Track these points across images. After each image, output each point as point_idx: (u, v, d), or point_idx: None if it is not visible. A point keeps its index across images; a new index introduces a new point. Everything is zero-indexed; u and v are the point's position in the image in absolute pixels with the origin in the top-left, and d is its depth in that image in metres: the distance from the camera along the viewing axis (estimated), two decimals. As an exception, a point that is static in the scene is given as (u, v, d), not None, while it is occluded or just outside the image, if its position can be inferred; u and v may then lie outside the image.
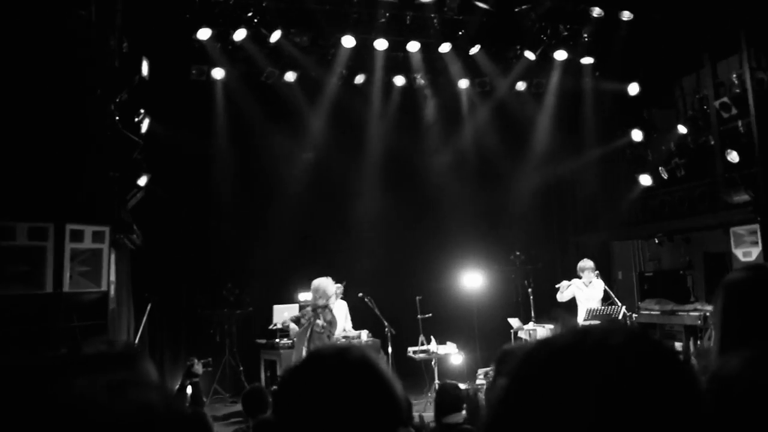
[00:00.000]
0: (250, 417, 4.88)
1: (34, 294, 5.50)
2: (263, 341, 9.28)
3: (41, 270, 5.62)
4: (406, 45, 10.03)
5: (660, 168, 10.21)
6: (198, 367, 8.48)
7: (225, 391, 9.50)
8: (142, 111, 8.07)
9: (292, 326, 7.22)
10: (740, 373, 1.13)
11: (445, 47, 10.06)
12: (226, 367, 9.60)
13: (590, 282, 8.67)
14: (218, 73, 9.94)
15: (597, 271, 8.75)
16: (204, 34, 9.08)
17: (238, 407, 7.70)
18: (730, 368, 1.14)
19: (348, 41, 9.59)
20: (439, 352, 8.60)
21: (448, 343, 8.80)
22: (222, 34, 9.26)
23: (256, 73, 10.11)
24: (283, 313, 8.40)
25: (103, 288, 6.12)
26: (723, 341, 1.91)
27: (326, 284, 7.12)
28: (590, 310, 8.48)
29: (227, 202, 10.12)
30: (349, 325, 7.59)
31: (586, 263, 8.73)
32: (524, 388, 0.82)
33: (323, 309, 7.03)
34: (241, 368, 9.55)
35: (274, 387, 1.61)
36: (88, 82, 6.87)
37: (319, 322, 6.91)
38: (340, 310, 7.69)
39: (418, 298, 9.18)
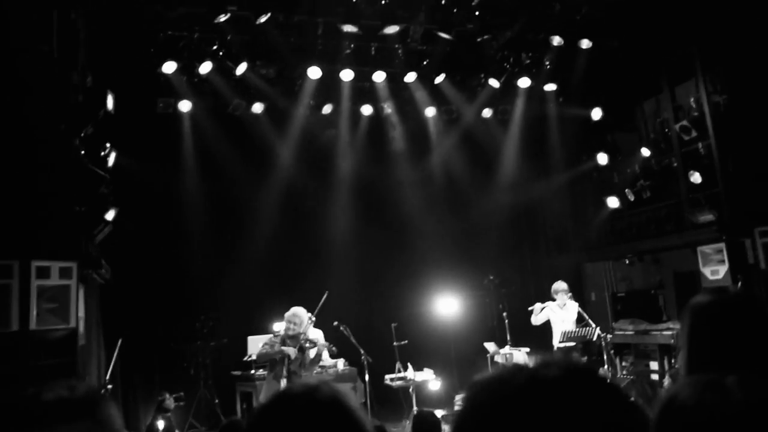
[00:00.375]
0: (226, 451, 4.76)
1: (0, 332, 5.35)
2: (238, 373, 9.12)
3: (6, 308, 5.46)
4: (371, 75, 10.12)
5: (626, 190, 10.40)
6: (169, 402, 8.30)
7: (200, 425, 9.28)
8: (108, 145, 7.98)
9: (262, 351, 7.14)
10: (696, 399, 1.12)
11: (410, 77, 10.18)
12: (201, 400, 9.39)
13: (564, 304, 8.73)
14: (185, 106, 9.89)
15: (570, 293, 8.82)
16: (169, 67, 9.05)
17: (214, 442, 7.54)
18: (685, 395, 1.14)
19: (314, 72, 9.64)
20: (416, 379, 8.54)
21: (425, 369, 8.74)
22: (187, 67, 9.23)
23: (223, 105, 10.09)
24: (257, 344, 8.27)
25: (72, 324, 5.97)
26: (690, 364, 1.93)
27: (302, 312, 7.09)
28: (565, 332, 8.52)
29: (197, 233, 10.00)
30: (325, 354, 7.51)
31: (560, 285, 8.80)
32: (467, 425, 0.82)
33: (310, 344, 6.99)
34: (217, 401, 9.35)
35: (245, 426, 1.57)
36: (52, 118, 6.78)
37: (309, 354, 6.89)
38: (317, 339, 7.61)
39: (393, 325, 9.14)
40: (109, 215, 7.66)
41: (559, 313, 8.72)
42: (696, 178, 9.08)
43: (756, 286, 8.01)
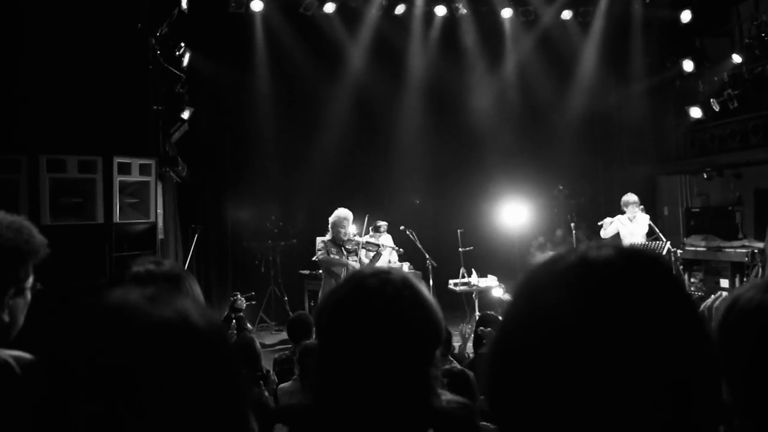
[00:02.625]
0: (295, 343, 5.04)
1: (86, 224, 5.69)
2: (306, 272, 9.47)
3: (92, 201, 5.78)
4: (447, -27, 9.74)
5: (711, 100, 9.82)
6: (241, 302, 8.72)
7: (270, 320, 9.80)
8: (182, 44, 8.08)
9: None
10: (758, 300, 1.12)
11: (488, -26, 9.75)
12: (271, 297, 9.87)
13: (634, 217, 8.55)
14: (257, 5, 9.84)
15: (642, 206, 8.61)
16: (243, -35, 8.96)
17: (284, 335, 7.95)
18: (748, 296, 1.13)
19: (389, -30, 9.35)
20: (479, 284, 8.66)
21: (489, 275, 8.84)
22: (261, -35, 9.12)
23: (295, 5, 9.97)
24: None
25: (152, 219, 6.29)
26: None
27: (347, 213, 7.10)
28: (634, 245, 8.38)
29: (268, 134, 10.19)
30: (395, 257, 7.68)
31: (630, 197, 8.59)
32: (525, 299, 0.84)
33: (371, 246, 7.11)
34: (286, 298, 9.81)
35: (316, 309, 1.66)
36: (128, 17, 6.88)
37: (364, 258, 7.03)
38: (386, 244, 7.75)
39: (459, 230, 9.20)
40: (185, 114, 7.87)
41: (629, 226, 8.56)
42: (790, 88, 8.49)
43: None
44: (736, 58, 9.60)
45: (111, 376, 0.79)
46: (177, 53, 7.95)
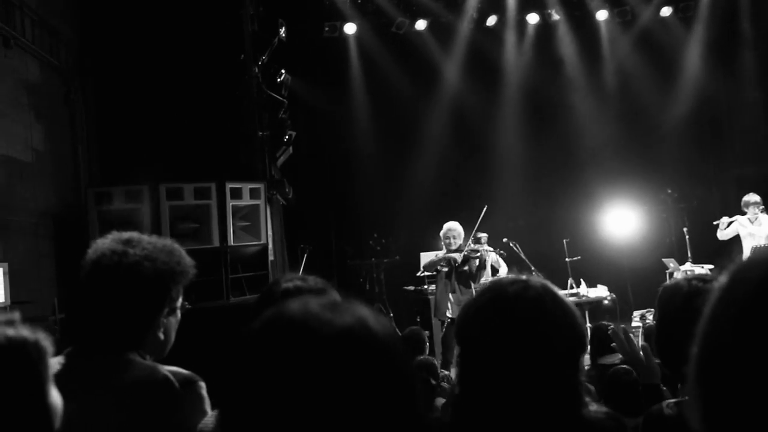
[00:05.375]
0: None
1: (204, 248, 5.96)
2: (411, 288, 9.50)
3: (208, 226, 6.06)
4: (538, -21, 9.64)
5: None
6: None
7: (377, 338, 9.88)
8: (282, 71, 8.38)
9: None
10: None
11: (580, -23, 9.56)
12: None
13: (756, 218, 8.07)
14: (350, 28, 10.08)
15: (763, 206, 8.12)
16: (334, -10, 9.23)
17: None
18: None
19: (478, -18, 9.35)
20: (589, 295, 8.40)
21: (599, 285, 8.56)
22: (351, -12, 9.36)
23: (387, 25, 10.13)
24: (429, 259, 8.53)
25: (263, 241, 6.51)
26: None
27: (457, 226, 7.22)
28: (756, 247, 7.90)
29: (368, 153, 10.37)
30: (501, 263, 7.60)
31: (752, 197, 8.12)
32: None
33: (473, 253, 7.11)
34: (392, 315, 9.87)
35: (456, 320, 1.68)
36: (232, 49, 7.23)
37: (473, 264, 7.04)
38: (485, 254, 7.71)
39: (565, 240, 8.99)
40: (288, 138, 8.14)
41: (750, 228, 8.08)
42: None
43: None
44: None
45: (301, 388, 0.81)
46: (278, 80, 8.25)
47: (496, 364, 1.41)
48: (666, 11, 10.47)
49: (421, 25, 10.23)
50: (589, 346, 4.99)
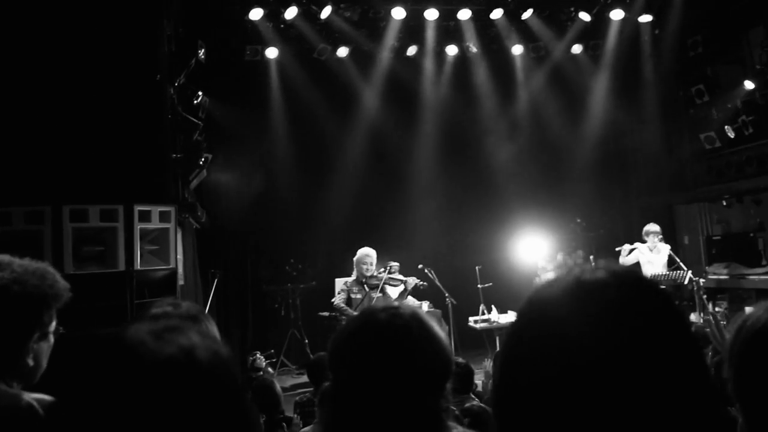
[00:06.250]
0: (315, 386, 5.02)
1: (108, 272, 5.79)
2: (326, 314, 9.46)
3: (113, 249, 5.90)
4: (456, 13, 9.93)
5: (726, 126, 9.81)
6: (260, 361, 8.71)
7: (291, 363, 9.78)
8: (200, 93, 8.29)
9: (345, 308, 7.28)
10: (765, 320, 1.13)
11: (496, 13, 9.92)
12: (291, 340, 9.87)
13: (655, 246, 8.49)
14: (272, 53, 10.08)
15: (661, 236, 8.56)
16: (256, 14, 9.24)
17: (305, 378, 7.92)
18: (755, 317, 1.15)
19: (398, 13, 9.57)
20: (500, 321, 8.60)
21: (510, 311, 8.78)
22: (273, 13, 9.39)
23: (309, 50, 10.19)
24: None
25: (172, 265, 6.38)
26: None
27: (372, 252, 7.24)
28: (655, 275, 8.31)
29: (285, 178, 10.32)
30: (409, 298, 7.68)
31: (652, 227, 8.55)
32: (524, 326, 0.88)
33: (394, 281, 7.15)
34: (306, 341, 9.79)
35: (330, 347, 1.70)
36: (148, 68, 7.11)
37: (390, 293, 7.06)
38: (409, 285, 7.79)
39: (477, 267, 9.17)
40: (203, 161, 8.03)
41: (648, 255, 8.50)
42: (805, 112, 8.47)
43: None
44: (749, 85, 9.62)
45: (125, 416, 0.80)
46: (195, 101, 8.17)
47: (362, 387, 1.45)
48: (577, 48, 10.97)
49: (342, 52, 10.35)
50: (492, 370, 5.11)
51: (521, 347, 0.86)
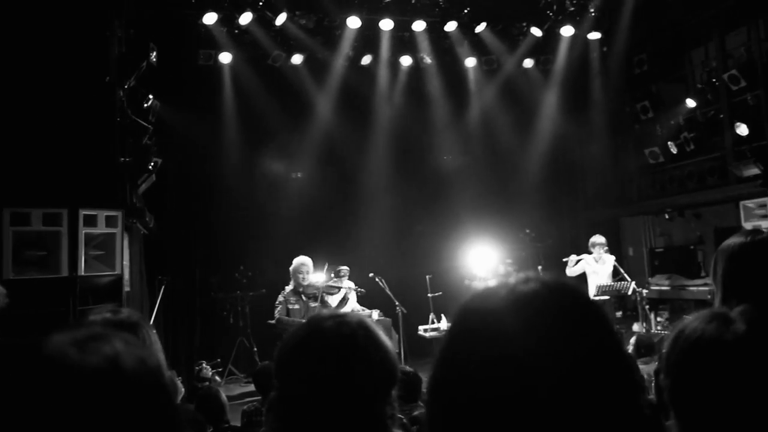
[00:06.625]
0: (263, 394, 4.97)
1: (51, 278, 5.63)
2: (274, 322, 9.38)
3: (56, 254, 5.74)
4: (411, 24, 10.03)
5: (669, 142, 10.16)
6: (207, 371, 8.57)
7: (239, 372, 9.65)
8: (150, 97, 8.15)
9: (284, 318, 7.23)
10: (701, 330, 1.18)
11: (450, 26, 10.06)
12: (240, 348, 9.74)
13: (600, 257, 8.70)
14: (225, 58, 9.98)
15: (607, 247, 8.78)
16: (210, 18, 9.15)
17: (253, 387, 7.82)
18: (692, 326, 1.19)
19: (353, 22, 9.61)
20: (449, 329, 8.65)
21: (459, 320, 8.84)
22: (228, 18, 9.31)
23: (263, 57, 10.13)
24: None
25: (117, 271, 6.25)
26: (724, 303, 1.97)
27: (308, 261, 7.17)
28: (600, 286, 8.51)
29: (237, 184, 10.22)
30: (354, 302, 7.67)
31: (597, 239, 8.76)
32: (459, 334, 0.90)
33: (332, 290, 7.12)
34: (255, 349, 9.68)
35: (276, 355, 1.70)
36: (97, 70, 6.96)
37: (330, 301, 7.02)
38: (347, 285, 7.76)
39: (428, 276, 9.24)
40: (152, 166, 7.89)
41: (594, 266, 8.71)
42: (742, 130, 8.82)
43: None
44: (690, 103, 9.99)
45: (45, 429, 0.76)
46: (145, 105, 8.02)
47: (308, 395, 1.45)
48: (528, 63, 11.19)
49: (297, 59, 10.32)
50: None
51: (455, 365, 0.87)
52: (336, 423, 1.44)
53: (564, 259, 8.84)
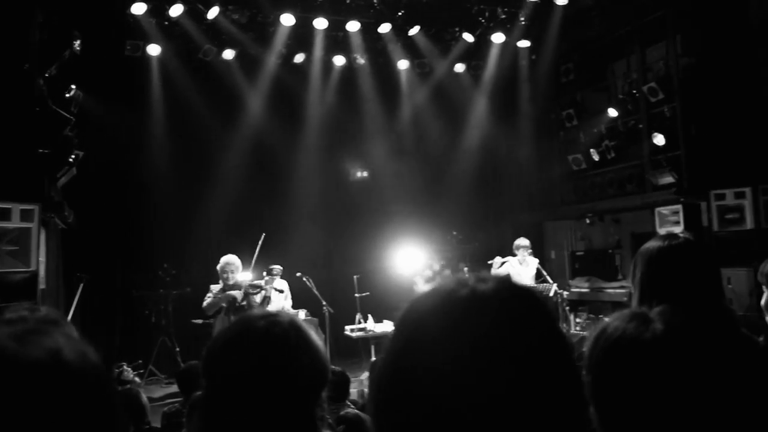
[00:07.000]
0: (185, 395, 4.86)
1: (-41, 274, 5.35)
2: (200, 321, 9.19)
3: (-34, 249, 5.45)
4: (345, 24, 10.03)
5: (591, 150, 10.54)
6: (127, 373, 8.32)
7: (161, 372, 9.39)
8: (73, 87, 7.85)
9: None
10: (622, 329, 1.23)
11: (384, 27, 10.11)
12: (162, 348, 9.48)
13: (524, 260, 8.93)
14: (154, 50, 9.72)
15: (531, 250, 9.02)
16: (138, 8, 8.89)
17: (175, 388, 7.64)
18: (613, 326, 1.24)
19: (287, 19, 9.53)
20: (375, 330, 8.71)
21: (385, 321, 8.91)
22: (157, 9, 9.07)
23: (194, 50, 9.92)
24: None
25: (33, 267, 5.99)
26: (641, 304, 2.06)
27: (235, 259, 7.08)
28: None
29: (163, 180, 9.93)
30: (288, 304, 7.61)
31: (522, 241, 8.99)
32: (413, 330, 0.87)
33: (254, 289, 7.04)
34: (178, 349, 9.45)
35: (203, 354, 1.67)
36: (14, 56, 6.65)
37: (255, 299, 6.94)
38: (282, 290, 7.68)
39: (355, 276, 9.26)
40: (73, 159, 7.59)
41: (518, 268, 8.93)
42: (659, 140, 9.26)
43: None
44: (612, 112, 10.39)
45: None
46: (67, 95, 7.72)
47: (238, 396, 1.43)
48: (459, 67, 11.39)
49: (228, 54, 10.15)
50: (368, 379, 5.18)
51: (409, 355, 0.85)
52: (265, 424, 1.43)
53: (489, 261, 9.03)
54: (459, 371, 0.80)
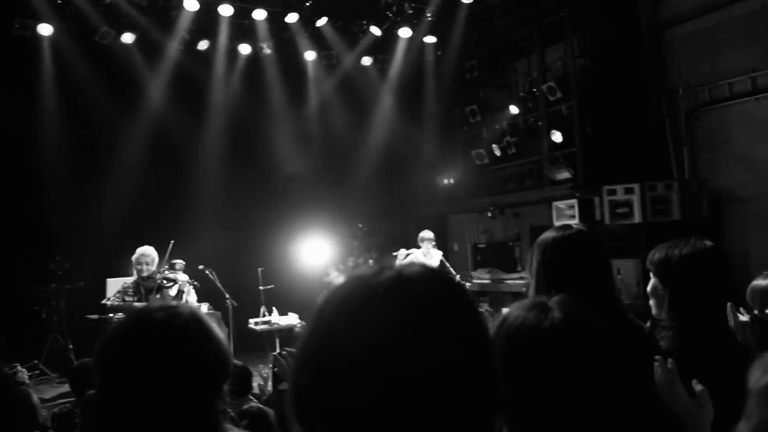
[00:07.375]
0: (78, 395, 4.65)
1: None
2: (95, 317, 8.78)
3: None
4: (252, 12, 9.85)
5: (493, 145, 10.87)
6: (22, 375, 7.84)
7: (52, 371, 8.90)
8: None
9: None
10: (522, 317, 1.27)
11: (291, 17, 10.00)
12: (53, 345, 8.99)
13: (428, 252, 9.09)
14: (45, 29, 9.18)
15: (434, 242, 9.20)
16: (29, -16, 8.36)
17: (67, 387, 7.28)
18: (514, 315, 1.29)
19: (191, 4, 9.26)
20: (280, 323, 8.63)
21: (290, 313, 8.85)
22: (50, -14, 8.56)
23: (90, 32, 9.44)
24: (117, 287, 7.98)
25: None
26: (537, 291, 2.15)
27: (151, 251, 6.89)
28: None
29: (55, 170, 9.38)
30: (193, 298, 7.41)
31: (426, 234, 9.14)
32: (337, 314, 0.87)
33: (168, 282, 6.84)
34: (71, 346, 9.00)
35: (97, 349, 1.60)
36: None
37: (169, 293, 6.75)
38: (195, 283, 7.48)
39: (260, 269, 9.13)
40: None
41: (422, 260, 9.08)
42: (557, 137, 9.68)
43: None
44: (514, 109, 10.76)
45: None
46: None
47: (135, 390, 1.39)
48: (366, 60, 11.43)
49: (128, 38, 9.73)
50: (270, 372, 5.14)
51: (333, 340, 0.84)
52: (165, 420, 1.39)
53: (394, 253, 9.13)
54: (387, 350, 0.80)
